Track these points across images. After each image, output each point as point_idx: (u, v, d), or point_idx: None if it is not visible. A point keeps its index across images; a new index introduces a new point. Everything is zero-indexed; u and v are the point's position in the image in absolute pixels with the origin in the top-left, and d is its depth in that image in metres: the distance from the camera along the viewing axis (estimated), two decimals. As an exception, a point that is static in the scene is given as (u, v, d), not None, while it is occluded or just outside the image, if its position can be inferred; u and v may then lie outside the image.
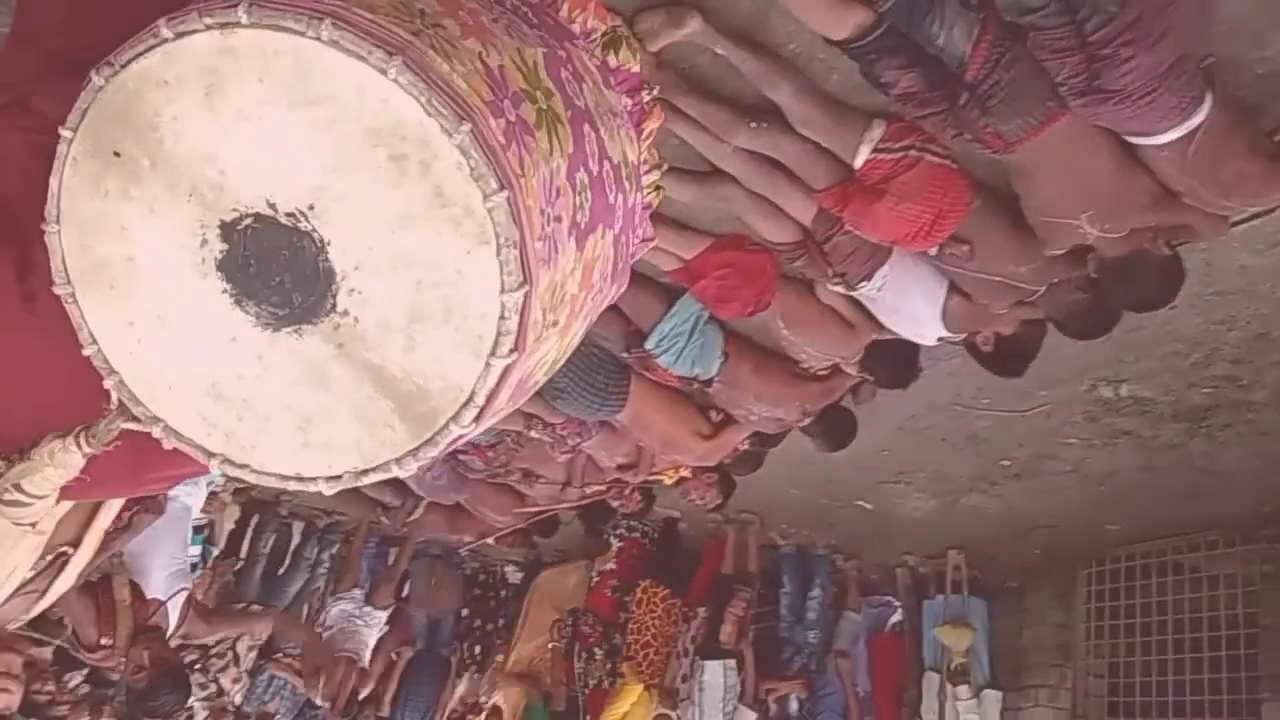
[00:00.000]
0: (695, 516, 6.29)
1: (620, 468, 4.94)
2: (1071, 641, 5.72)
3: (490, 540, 6.46)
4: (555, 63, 1.29)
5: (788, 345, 3.69)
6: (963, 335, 3.34)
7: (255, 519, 6.52)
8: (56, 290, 1.08)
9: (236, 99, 1.00)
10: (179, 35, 0.98)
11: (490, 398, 1.06)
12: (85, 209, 1.05)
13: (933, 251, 2.95)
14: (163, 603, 4.60)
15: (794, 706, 6.06)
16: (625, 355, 3.90)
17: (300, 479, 1.12)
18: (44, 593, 2.13)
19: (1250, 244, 2.97)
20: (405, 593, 7.01)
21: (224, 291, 1.04)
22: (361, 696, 6.19)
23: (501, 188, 1.00)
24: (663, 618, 6.34)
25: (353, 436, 1.08)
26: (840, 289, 3.26)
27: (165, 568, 4.64)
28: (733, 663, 5.88)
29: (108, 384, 1.11)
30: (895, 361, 3.59)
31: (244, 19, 0.96)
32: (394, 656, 6.91)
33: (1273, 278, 3.10)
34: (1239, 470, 4.33)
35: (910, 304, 3.22)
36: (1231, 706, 4.94)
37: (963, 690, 5.78)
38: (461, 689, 7.38)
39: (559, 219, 1.15)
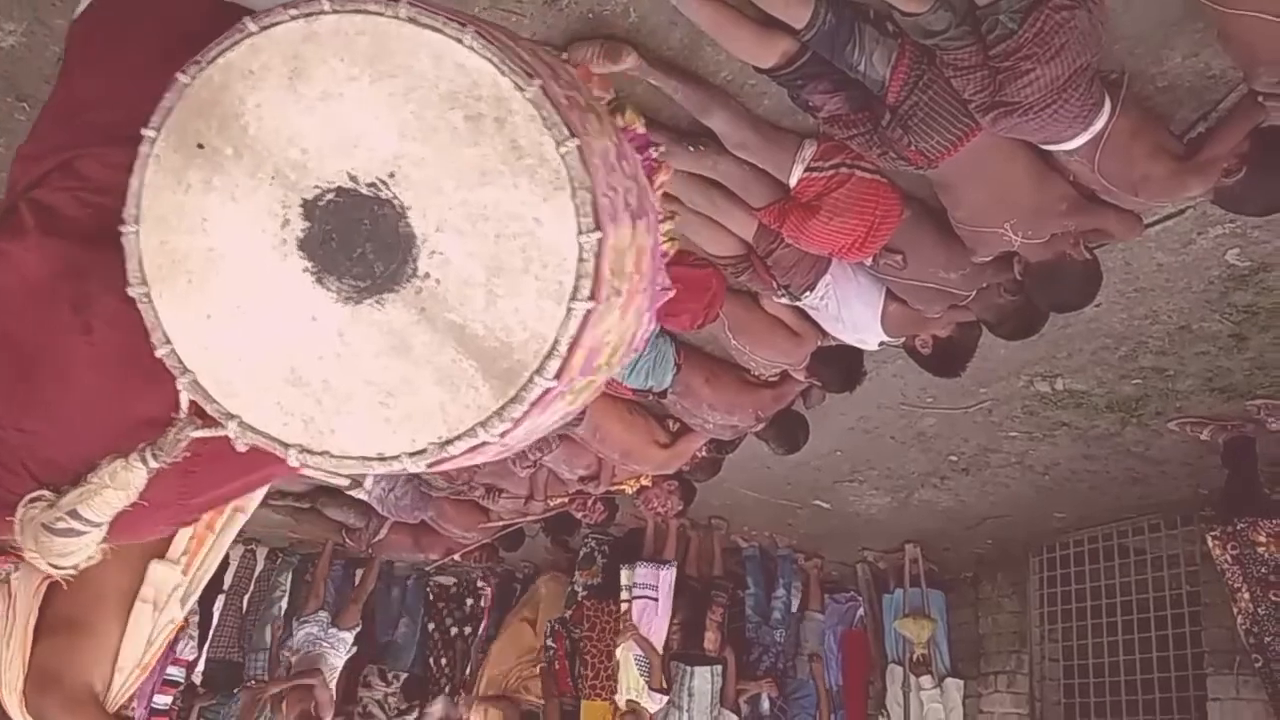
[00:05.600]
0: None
1: (582, 479, 5.01)
2: (1026, 628, 5.91)
3: (456, 557, 6.51)
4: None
5: (737, 354, 3.81)
6: (902, 339, 3.48)
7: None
8: (131, 291, 1.08)
9: (320, 80, 1.06)
10: (264, 28, 1.06)
11: (572, 348, 1.07)
12: (166, 204, 1.08)
13: (869, 261, 3.09)
14: None
15: (765, 706, 6.18)
16: (580, 370, 3.99)
17: (382, 458, 1.10)
18: None
19: (1164, 244, 3.14)
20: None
21: (305, 270, 1.07)
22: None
23: (573, 135, 1.06)
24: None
25: (435, 404, 1.08)
26: (785, 300, 3.38)
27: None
28: (719, 668, 5.98)
29: (181, 384, 1.10)
30: (841, 366, 3.73)
31: (327, 6, 1.05)
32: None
33: (1188, 274, 3.27)
34: (1173, 455, 4.53)
35: (851, 311, 3.35)
36: (1179, 682, 5.15)
37: (926, 680, 5.94)
38: (438, 710, 7.34)
39: (614, 190, 1.17)
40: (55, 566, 1.25)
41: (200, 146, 1.07)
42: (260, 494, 2.57)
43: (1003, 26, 2.23)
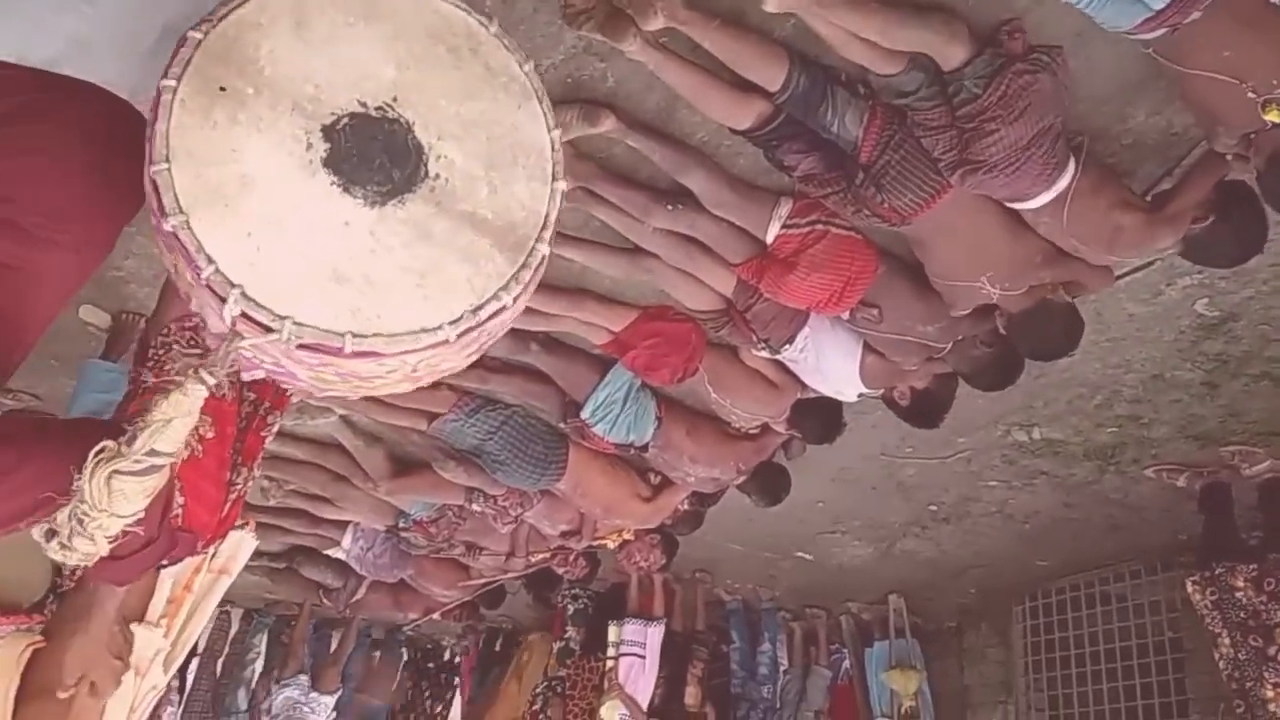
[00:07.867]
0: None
1: (564, 535, 4.97)
2: (1011, 677, 5.87)
3: (436, 615, 6.41)
4: None
5: (718, 408, 3.82)
6: (880, 391, 3.51)
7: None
8: (167, 225, 1.19)
9: (322, 27, 1.30)
10: None
11: (553, 219, 1.36)
12: (195, 140, 1.23)
13: (846, 315, 3.12)
14: None
15: (750, 762, 6.08)
16: (562, 425, 3.98)
17: (426, 330, 1.27)
18: None
19: (1135, 294, 3.20)
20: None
21: (333, 184, 1.26)
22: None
23: (528, 58, 1.39)
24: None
25: (463, 277, 1.30)
26: (765, 353, 3.41)
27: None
28: None
29: (230, 299, 1.20)
30: (820, 418, 3.75)
31: None
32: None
33: (1159, 324, 3.33)
34: (1152, 502, 4.55)
35: (830, 364, 3.38)
36: (1165, 729, 5.13)
37: (915, 732, 5.88)
38: None
39: None
40: (120, 516, 1.29)
41: (222, 89, 1.25)
42: (245, 558, 2.53)
43: (968, 91, 2.29)
